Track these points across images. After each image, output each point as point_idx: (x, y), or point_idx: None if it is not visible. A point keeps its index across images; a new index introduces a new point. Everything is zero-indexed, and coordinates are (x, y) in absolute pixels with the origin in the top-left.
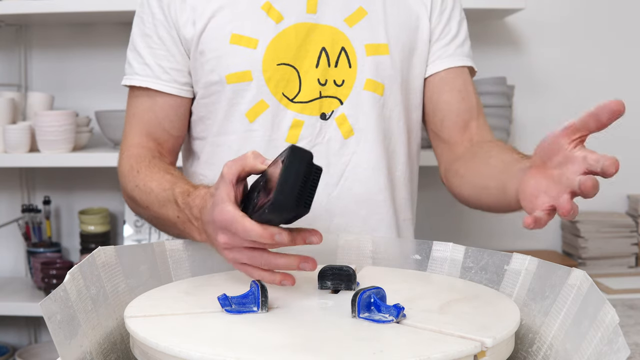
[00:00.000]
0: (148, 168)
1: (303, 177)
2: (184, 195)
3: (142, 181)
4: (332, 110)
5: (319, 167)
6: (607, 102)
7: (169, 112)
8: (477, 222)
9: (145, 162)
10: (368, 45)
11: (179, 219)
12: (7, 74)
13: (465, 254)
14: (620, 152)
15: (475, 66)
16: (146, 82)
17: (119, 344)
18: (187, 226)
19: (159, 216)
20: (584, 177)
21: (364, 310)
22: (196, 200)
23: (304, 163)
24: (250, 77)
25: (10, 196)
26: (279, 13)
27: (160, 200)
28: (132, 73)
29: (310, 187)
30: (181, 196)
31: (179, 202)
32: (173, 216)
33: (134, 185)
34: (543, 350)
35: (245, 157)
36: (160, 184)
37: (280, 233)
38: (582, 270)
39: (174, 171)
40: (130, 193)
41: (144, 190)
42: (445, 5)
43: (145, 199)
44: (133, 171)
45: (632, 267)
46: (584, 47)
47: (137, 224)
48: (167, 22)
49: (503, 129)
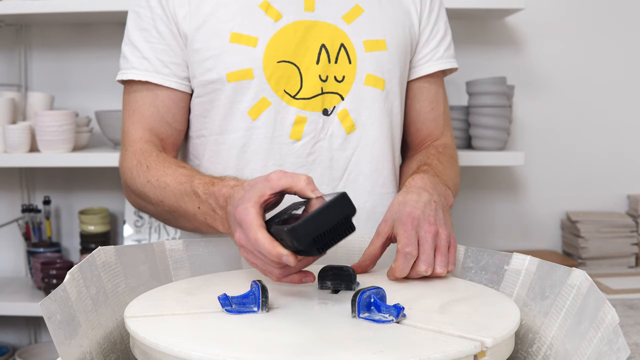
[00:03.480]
0: (158, 162)
1: (333, 225)
2: (208, 185)
3: (154, 176)
4: (333, 105)
5: (354, 227)
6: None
7: (171, 106)
8: (477, 222)
9: (153, 156)
10: (367, 42)
11: (200, 210)
12: (7, 74)
13: (465, 254)
14: (620, 152)
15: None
16: (145, 76)
17: (119, 344)
18: (210, 217)
19: (175, 210)
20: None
21: (364, 310)
22: (223, 189)
23: (342, 214)
24: (251, 75)
25: (10, 196)
26: (277, 11)
27: (177, 194)
28: (130, 67)
29: (335, 237)
30: (203, 187)
31: (199, 193)
32: (193, 208)
33: (145, 181)
34: (543, 350)
35: (299, 177)
36: (176, 178)
37: (288, 256)
38: (582, 270)
39: (185, 165)
40: (140, 189)
41: (157, 185)
42: (434, 5)
43: (159, 194)
44: (142, 167)
45: (632, 267)
46: (584, 47)
47: (137, 224)
48: (165, 16)
49: (503, 129)
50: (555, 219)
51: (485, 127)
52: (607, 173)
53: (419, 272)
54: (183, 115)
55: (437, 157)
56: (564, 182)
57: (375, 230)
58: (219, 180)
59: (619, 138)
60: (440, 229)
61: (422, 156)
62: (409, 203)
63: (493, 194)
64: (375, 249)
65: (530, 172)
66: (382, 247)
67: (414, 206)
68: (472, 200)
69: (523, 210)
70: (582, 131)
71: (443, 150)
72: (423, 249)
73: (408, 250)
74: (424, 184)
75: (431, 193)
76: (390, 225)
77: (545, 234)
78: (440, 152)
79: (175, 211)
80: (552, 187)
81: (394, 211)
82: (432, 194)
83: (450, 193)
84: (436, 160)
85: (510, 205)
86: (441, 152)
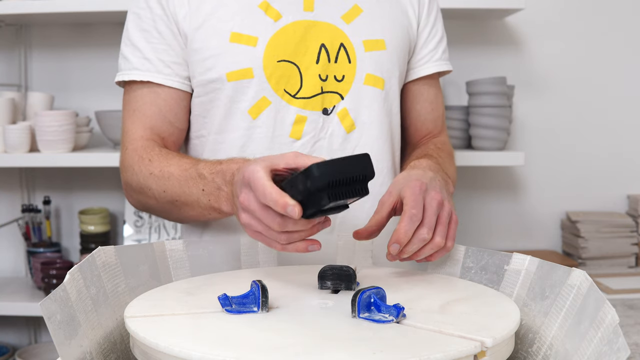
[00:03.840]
0: (161, 155)
1: (351, 177)
2: (215, 165)
3: (157, 168)
4: (333, 105)
5: (368, 191)
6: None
7: (173, 105)
8: (477, 222)
9: (156, 150)
10: (366, 41)
11: (204, 192)
12: (7, 74)
13: (465, 254)
14: (620, 152)
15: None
16: (147, 76)
17: (119, 344)
18: (214, 197)
19: (177, 198)
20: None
21: (364, 310)
22: (231, 164)
23: (362, 171)
24: (251, 74)
25: (10, 196)
26: (277, 11)
27: (181, 181)
28: (131, 68)
29: (348, 192)
30: (209, 167)
31: (205, 174)
32: (197, 191)
33: (148, 174)
34: (543, 350)
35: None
36: (180, 166)
37: (294, 206)
38: (582, 270)
39: (188, 156)
40: (142, 182)
41: (160, 175)
42: (432, 7)
43: (162, 184)
44: (144, 161)
45: (632, 267)
46: (584, 46)
47: (137, 224)
48: (166, 16)
49: (503, 129)
50: (555, 219)
51: (485, 127)
52: (607, 173)
53: (420, 236)
54: (185, 114)
55: (437, 152)
56: (564, 182)
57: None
58: (226, 160)
59: (619, 138)
60: (445, 200)
61: (422, 149)
62: (415, 175)
63: (493, 194)
64: (382, 217)
65: (530, 172)
66: (387, 216)
67: (421, 178)
68: (472, 200)
69: (523, 210)
70: (582, 131)
71: (442, 147)
72: (427, 214)
73: (414, 212)
74: (428, 165)
75: (435, 173)
76: (395, 195)
77: (545, 234)
78: (440, 148)
79: (177, 200)
80: (552, 187)
81: (400, 182)
82: (436, 174)
83: (450, 182)
84: (436, 154)
85: (510, 205)
86: (440, 148)
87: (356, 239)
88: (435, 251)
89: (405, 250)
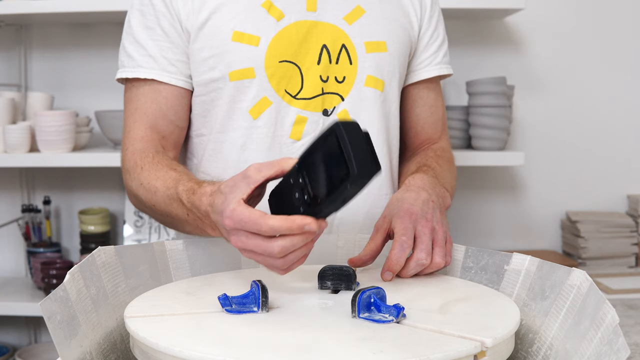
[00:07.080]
0: (152, 164)
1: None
2: (189, 194)
3: (146, 179)
4: (334, 106)
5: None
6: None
7: (174, 103)
8: (477, 222)
9: (149, 157)
10: (368, 43)
11: (189, 216)
12: (7, 74)
13: (465, 254)
14: (621, 152)
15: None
16: (151, 74)
17: (119, 344)
18: (199, 223)
19: (167, 214)
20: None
21: (364, 310)
22: (202, 199)
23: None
24: (253, 74)
25: (10, 196)
26: (279, 11)
27: (166, 200)
28: (135, 65)
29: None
30: (185, 194)
31: (184, 201)
32: (182, 214)
33: (139, 184)
34: (543, 350)
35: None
36: (164, 183)
37: (310, 223)
38: (582, 270)
39: (177, 167)
40: (135, 191)
41: (148, 189)
42: (434, 10)
43: (150, 198)
44: (137, 168)
45: (632, 267)
46: (584, 46)
47: (137, 224)
48: (169, 14)
49: (503, 129)
50: (555, 219)
51: (485, 127)
52: (607, 173)
53: (419, 261)
54: (185, 112)
55: (436, 160)
56: (564, 182)
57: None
58: (197, 188)
59: (618, 138)
60: (437, 226)
61: (421, 158)
62: (407, 200)
63: (493, 194)
64: (377, 244)
65: (530, 172)
66: (382, 242)
67: (412, 203)
68: (472, 200)
69: (523, 210)
70: (582, 131)
71: (441, 154)
72: (421, 240)
73: (404, 239)
74: (423, 183)
75: (430, 193)
76: (389, 221)
77: (545, 234)
78: (439, 156)
79: (167, 216)
80: (552, 187)
81: (392, 207)
82: (431, 194)
83: (447, 195)
84: (435, 163)
85: (510, 205)
86: (440, 155)
87: (351, 266)
88: (435, 270)
89: (403, 275)
